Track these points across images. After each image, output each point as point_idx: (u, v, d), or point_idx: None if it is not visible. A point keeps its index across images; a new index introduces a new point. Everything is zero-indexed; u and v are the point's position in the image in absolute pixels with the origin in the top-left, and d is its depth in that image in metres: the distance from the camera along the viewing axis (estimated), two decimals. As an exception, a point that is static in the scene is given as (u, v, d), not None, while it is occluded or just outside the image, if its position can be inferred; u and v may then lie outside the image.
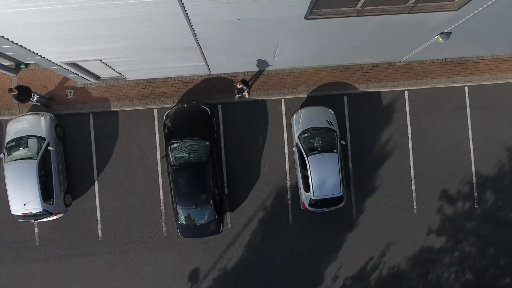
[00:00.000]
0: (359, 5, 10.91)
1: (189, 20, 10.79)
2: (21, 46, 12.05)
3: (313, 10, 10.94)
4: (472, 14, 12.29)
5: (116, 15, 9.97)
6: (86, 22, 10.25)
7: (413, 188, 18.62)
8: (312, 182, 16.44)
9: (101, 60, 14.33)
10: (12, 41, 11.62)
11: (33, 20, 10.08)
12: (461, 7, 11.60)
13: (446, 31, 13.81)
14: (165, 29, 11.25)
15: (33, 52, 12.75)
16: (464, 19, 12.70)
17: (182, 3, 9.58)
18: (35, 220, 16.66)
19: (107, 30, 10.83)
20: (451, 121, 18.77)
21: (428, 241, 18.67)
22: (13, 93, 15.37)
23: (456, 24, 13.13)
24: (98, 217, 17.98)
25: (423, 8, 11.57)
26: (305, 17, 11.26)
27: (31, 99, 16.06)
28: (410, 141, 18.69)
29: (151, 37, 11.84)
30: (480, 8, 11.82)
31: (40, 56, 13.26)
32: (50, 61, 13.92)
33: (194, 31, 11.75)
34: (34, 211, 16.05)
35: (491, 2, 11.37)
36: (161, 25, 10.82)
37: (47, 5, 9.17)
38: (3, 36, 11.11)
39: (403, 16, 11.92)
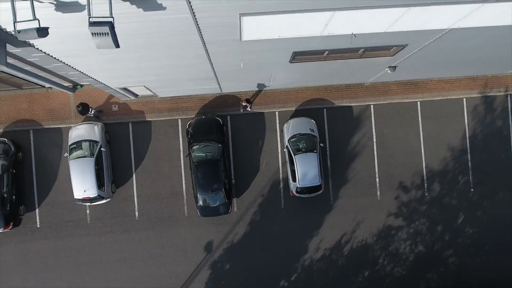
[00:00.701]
0: (324, 54, 16.40)
1: (212, 63, 16.29)
2: (95, 79, 17.56)
3: (295, 57, 16.45)
4: (406, 57, 17.81)
5: (167, 62, 15.49)
6: (146, 67, 15.76)
7: (377, 179, 24.11)
8: (298, 175, 21.95)
9: (145, 86, 19.86)
10: (90, 76, 17.12)
11: (111, 67, 15.57)
12: (395, 54, 17.09)
13: (392, 65, 19.32)
14: (197, 69, 16.78)
15: (100, 81, 18.24)
16: (402, 59, 18.22)
17: (210, 59, 15.09)
18: (90, 203, 22.12)
19: (159, 70, 16.37)
20: (406, 128, 24.24)
21: (388, 220, 24.14)
22: (79, 109, 20.88)
23: (398, 62, 18.65)
24: (135, 202, 23.46)
25: (369, 54, 17.04)
26: (289, 61, 16.78)
27: (89, 112, 21.56)
28: (374, 144, 24.16)
29: (188, 73, 17.38)
30: (409, 54, 17.33)
31: (103, 83, 18.74)
32: (109, 86, 19.41)
33: (214, 68, 17.26)
34: (91, 196, 21.52)
35: (415, 51, 16.89)
36: (196, 68, 16.35)
37: (122, 58, 14.60)
38: (86, 74, 16.59)
39: (358, 59, 17.43)
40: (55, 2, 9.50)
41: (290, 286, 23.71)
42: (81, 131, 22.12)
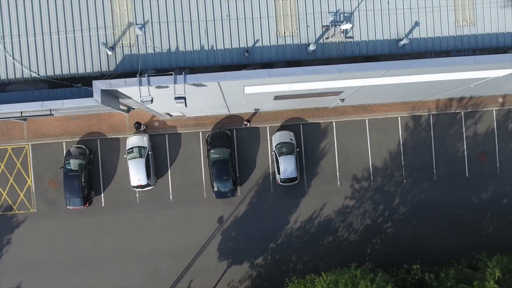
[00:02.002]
0: (294, 95, 26.81)
1: (226, 101, 26.79)
2: (152, 109, 27.99)
3: (276, 97, 26.92)
4: (346, 96, 28.29)
5: (199, 101, 26.02)
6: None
7: (337, 173, 34.56)
8: (281, 170, 32.44)
9: (180, 111, 30.38)
10: (151, 109, 27.56)
11: (166, 104, 26.04)
12: (339, 94, 27.55)
13: (341, 98, 29.78)
14: (216, 103, 27.30)
15: (154, 110, 28.67)
16: (345, 96, 28.70)
17: (225, 100, 25.64)
18: (141, 189, 32.61)
19: (193, 105, 26.89)
20: (358, 137, 34.66)
21: (345, 202, 34.56)
22: (135, 126, 31.42)
23: (343, 97, 29.12)
24: (170, 188, 33.94)
25: (322, 95, 27.46)
26: (273, 99, 27.31)
27: (141, 128, 32.09)
28: (336, 149, 34.61)
29: (209, 105, 27.95)
30: (348, 95, 27.81)
31: (155, 111, 29.17)
32: (157, 111, 29.84)
33: (226, 103, 27.76)
34: (142, 184, 32.03)
35: (350, 94, 27.38)
36: (215, 103, 26.92)
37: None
38: (149, 108, 27.05)
39: (317, 97, 27.88)
40: (156, 85, 20.04)
41: (276, 247, 34.23)
42: (134, 140, 32.63)
